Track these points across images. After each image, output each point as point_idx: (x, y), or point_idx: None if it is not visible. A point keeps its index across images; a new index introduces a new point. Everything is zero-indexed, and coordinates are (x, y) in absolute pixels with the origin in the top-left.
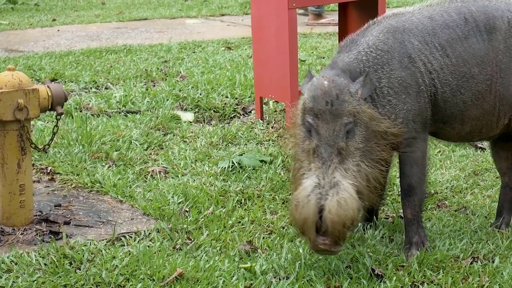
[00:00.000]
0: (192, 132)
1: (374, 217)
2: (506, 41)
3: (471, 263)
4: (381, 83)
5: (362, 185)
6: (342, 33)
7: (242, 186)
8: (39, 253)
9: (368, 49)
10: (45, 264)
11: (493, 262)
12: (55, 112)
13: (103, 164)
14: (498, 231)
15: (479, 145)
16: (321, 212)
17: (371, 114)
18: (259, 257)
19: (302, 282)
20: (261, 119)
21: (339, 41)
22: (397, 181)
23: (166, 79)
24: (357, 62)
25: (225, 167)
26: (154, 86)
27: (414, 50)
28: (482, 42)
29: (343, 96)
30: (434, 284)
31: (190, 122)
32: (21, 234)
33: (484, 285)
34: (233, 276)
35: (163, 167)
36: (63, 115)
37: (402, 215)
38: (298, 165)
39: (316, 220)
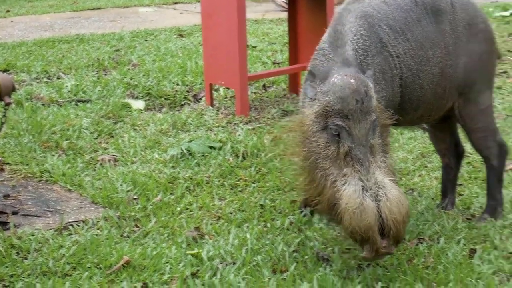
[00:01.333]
0: (142, 120)
1: None
2: (451, 23)
3: (417, 244)
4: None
5: (393, 179)
6: (292, 18)
7: (191, 172)
8: None
9: (355, 37)
10: None
11: (438, 243)
12: (3, 102)
13: (53, 153)
14: (445, 212)
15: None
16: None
17: (380, 107)
18: (206, 243)
19: (249, 267)
20: (211, 106)
21: (288, 26)
22: None
23: (117, 68)
24: (354, 53)
25: (174, 154)
26: (106, 75)
27: (384, 35)
28: (431, 24)
29: (370, 92)
30: (380, 266)
31: (141, 110)
32: None
33: (429, 266)
34: (180, 263)
35: (113, 155)
36: (12, 105)
37: None
38: (323, 174)
39: (379, 224)
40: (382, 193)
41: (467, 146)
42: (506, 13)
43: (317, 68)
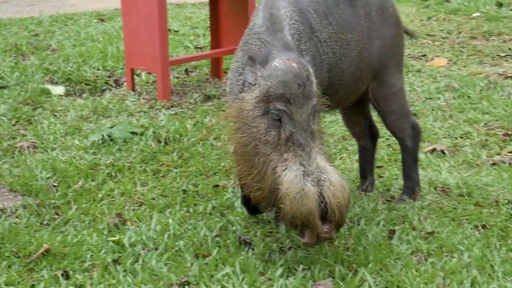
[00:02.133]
0: (62, 106)
1: None
2: (365, 7)
3: None
4: None
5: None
6: (213, 2)
7: (113, 158)
8: None
9: (290, 22)
10: None
11: (358, 224)
12: None
13: None
14: (365, 194)
15: None
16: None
17: (318, 93)
18: (128, 229)
19: (171, 252)
20: (132, 91)
21: (210, 11)
22: None
23: (36, 53)
24: (292, 38)
25: (95, 140)
26: (24, 60)
27: (313, 20)
28: (348, 8)
29: (311, 77)
30: (301, 249)
31: (61, 95)
32: None
33: (349, 248)
34: (101, 250)
35: (32, 142)
36: None
37: None
38: (264, 160)
39: (320, 208)
40: (324, 178)
41: (382, 128)
42: None
43: (254, 53)
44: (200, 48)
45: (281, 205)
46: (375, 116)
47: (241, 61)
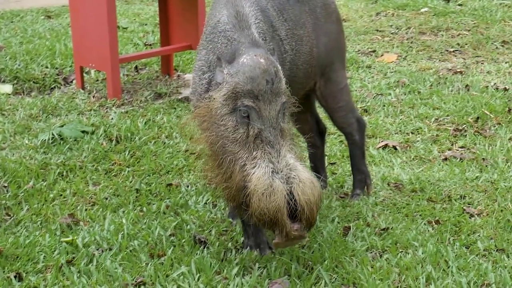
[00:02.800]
0: (10, 105)
1: None
2: (309, 3)
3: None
4: None
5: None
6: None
7: (64, 158)
8: None
9: (256, 21)
10: None
11: (332, 222)
12: None
13: None
14: None
15: None
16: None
17: (287, 91)
18: (81, 229)
19: (125, 252)
20: (82, 89)
21: (159, 7)
22: None
23: None
24: (259, 35)
25: (45, 139)
26: None
27: (273, 18)
28: (296, 4)
29: (279, 73)
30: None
31: (9, 94)
32: None
33: (305, 245)
34: (55, 251)
35: None
36: None
37: None
38: (232, 159)
39: (288, 206)
40: (294, 175)
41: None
42: None
43: (221, 52)
44: (150, 45)
45: (249, 203)
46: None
47: (205, 60)
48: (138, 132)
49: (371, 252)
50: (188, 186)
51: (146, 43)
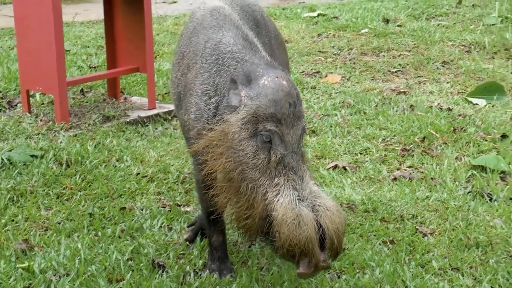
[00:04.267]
0: None
1: None
2: (267, 34)
3: (249, 246)
4: None
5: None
6: (108, 21)
7: (14, 183)
8: None
9: (260, 45)
10: None
11: None
12: None
13: None
14: None
15: None
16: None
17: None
18: (37, 255)
19: (83, 278)
20: (28, 113)
21: (105, 30)
22: (172, 169)
23: None
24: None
25: None
26: None
27: (260, 46)
28: (259, 35)
29: (300, 95)
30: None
31: None
32: None
33: (263, 267)
34: (11, 277)
35: None
36: None
37: (178, 203)
38: (252, 186)
39: (319, 235)
40: (319, 203)
41: None
42: (314, 14)
43: (229, 74)
44: (94, 67)
45: (277, 233)
46: None
47: (209, 83)
48: (88, 156)
49: (329, 273)
50: (142, 210)
51: (91, 66)
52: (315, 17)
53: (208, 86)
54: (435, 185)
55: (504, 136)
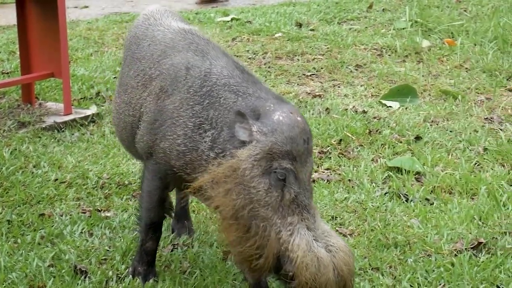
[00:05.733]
0: None
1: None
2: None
3: (172, 250)
4: None
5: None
6: (22, 27)
7: None
8: None
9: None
10: None
11: (192, 247)
12: None
13: None
14: (195, 215)
15: None
16: None
17: None
18: None
19: (4, 285)
20: None
21: (18, 35)
22: (90, 174)
23: None
24: None
25: None
26: None
27: None
28: None
29: (310, 131)
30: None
31: None
32: None
33: (186, 271)
34: None
35: None
36: None
37: (99, 209)
38: (264, 224)
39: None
40: (332, 243)
41: None
42: (228, 18)
43: (227, 107)
44: (7, 73)
45: (295, 275)
46: None
47: (203, 117)
48: (4, 162)
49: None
50: (61, 216)
51: (3, 72)
52: (228, 21)
53: (202, 119)
54: (352, 187)
55: (418, 138)
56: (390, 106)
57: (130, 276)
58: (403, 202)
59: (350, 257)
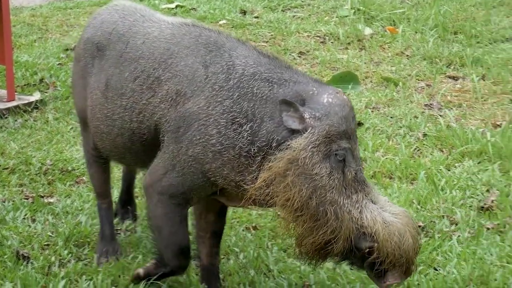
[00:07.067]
0: None
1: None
2: None
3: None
4: None
5: None
6: None
7: None
8: None
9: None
10: None
11: (135, 233)
12: None
13: None
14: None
15: None
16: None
17: None
18: None
19: None
20: None
21: None
22: (34, 160)
23: None
24: None
25: None
26: None
27: None
28: None
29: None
30: (81, 260)
31: None
32: None
33: (130, 256)
34: None
35: None
36: None
37: (41, 195)
38: (335, 208)
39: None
40: (395, 211)
41: None
42: (172, 6)
43: (262, 96)
44: None
45: (379, 249)
46: None
47: (236, 111)
48: None
49: (195, 260)
50: (4, 202)
51: None
52: (173, 8)
53: (235, 113)
54: None
55: (359, 124)
56: None
57: (73, 260)
58: None
59: (412, 220)
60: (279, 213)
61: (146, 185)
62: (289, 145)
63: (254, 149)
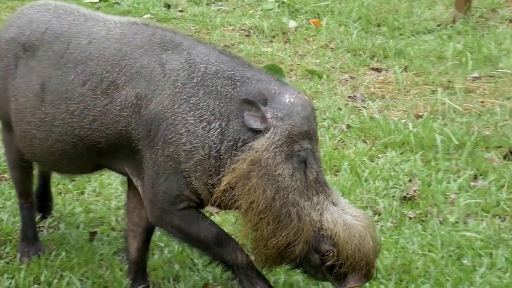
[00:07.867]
0: None
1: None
2: None
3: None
4: None
5: None
6: None
7: None
8: None
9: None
10: None
11: (58, 229)
12: None
13: None
14: (61, 196)
15: None
16: None
17: None
18: None
19: None
20: None
21: None
22: None
23: None
24: None
25: None
26: None
27: None
28: None
29: None
30: (2, 258)
31: None
32: None
33: (52, 253)
34: None
35: None
36: None
37: None
38: (297, 209)
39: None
40: (355, 213)
41: None
42: (96, 0)
43: (227, 94)
44: None
45: (338, 252)
46: None
47: (203, 108)
48: None
49: (119, 256)
50: None
51: None
52: (96, 2)
53: (202, 111)
54: None
55: None
56: None
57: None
58: None
59: (372, 223)
60: (241, 216)
61: (151, 216)
62: (251, 146)
63: (223, 149)
